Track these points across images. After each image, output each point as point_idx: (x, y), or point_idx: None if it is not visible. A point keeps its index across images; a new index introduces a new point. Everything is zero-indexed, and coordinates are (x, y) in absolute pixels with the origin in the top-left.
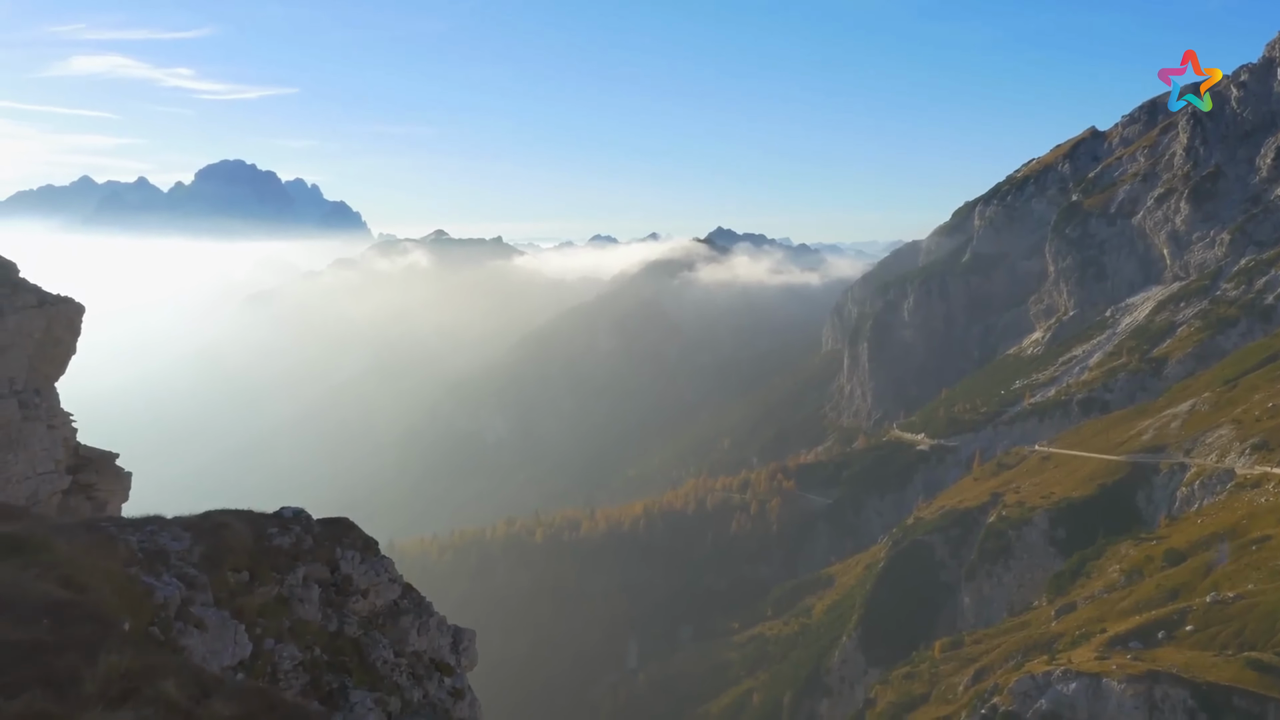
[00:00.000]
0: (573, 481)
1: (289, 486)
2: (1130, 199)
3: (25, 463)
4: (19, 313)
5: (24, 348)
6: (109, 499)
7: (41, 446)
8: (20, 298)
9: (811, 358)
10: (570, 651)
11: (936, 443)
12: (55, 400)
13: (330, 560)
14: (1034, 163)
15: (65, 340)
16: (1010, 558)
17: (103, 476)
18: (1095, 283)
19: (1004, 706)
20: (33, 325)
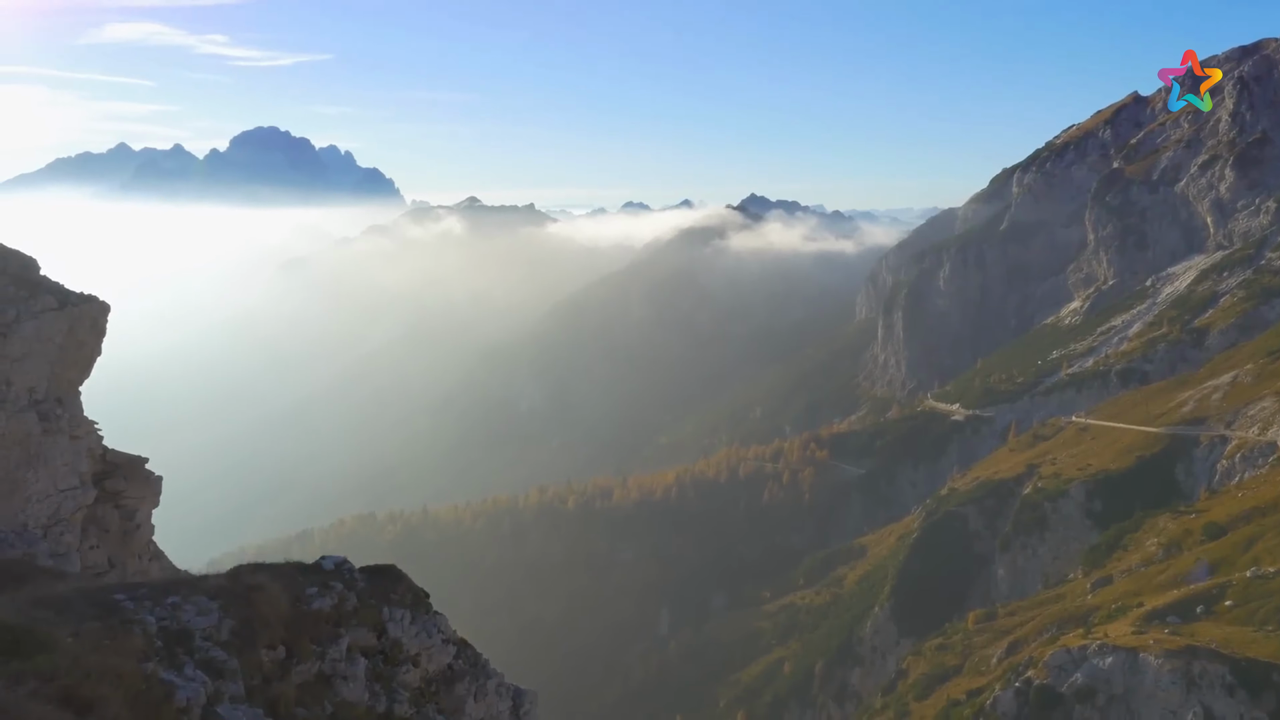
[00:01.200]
0: (605, 449)
1: (323, 453)
2: (1173, 166)
3: (46, 479)
4: (37, 318)
5: (44, 354)
6: (138, 506)
7: (63, 461)
8: (39, 300)
9: (845, 326)
10: (602, 619)
11: (971, 413)
12: (78, 408)
13: (377, 623)
14: (1074, 129)
15: (89, 343)
16: (1046, 530)
17: (131, 483)
18: (1136, 251)
19: (1039, 680)
20: (53, 330)
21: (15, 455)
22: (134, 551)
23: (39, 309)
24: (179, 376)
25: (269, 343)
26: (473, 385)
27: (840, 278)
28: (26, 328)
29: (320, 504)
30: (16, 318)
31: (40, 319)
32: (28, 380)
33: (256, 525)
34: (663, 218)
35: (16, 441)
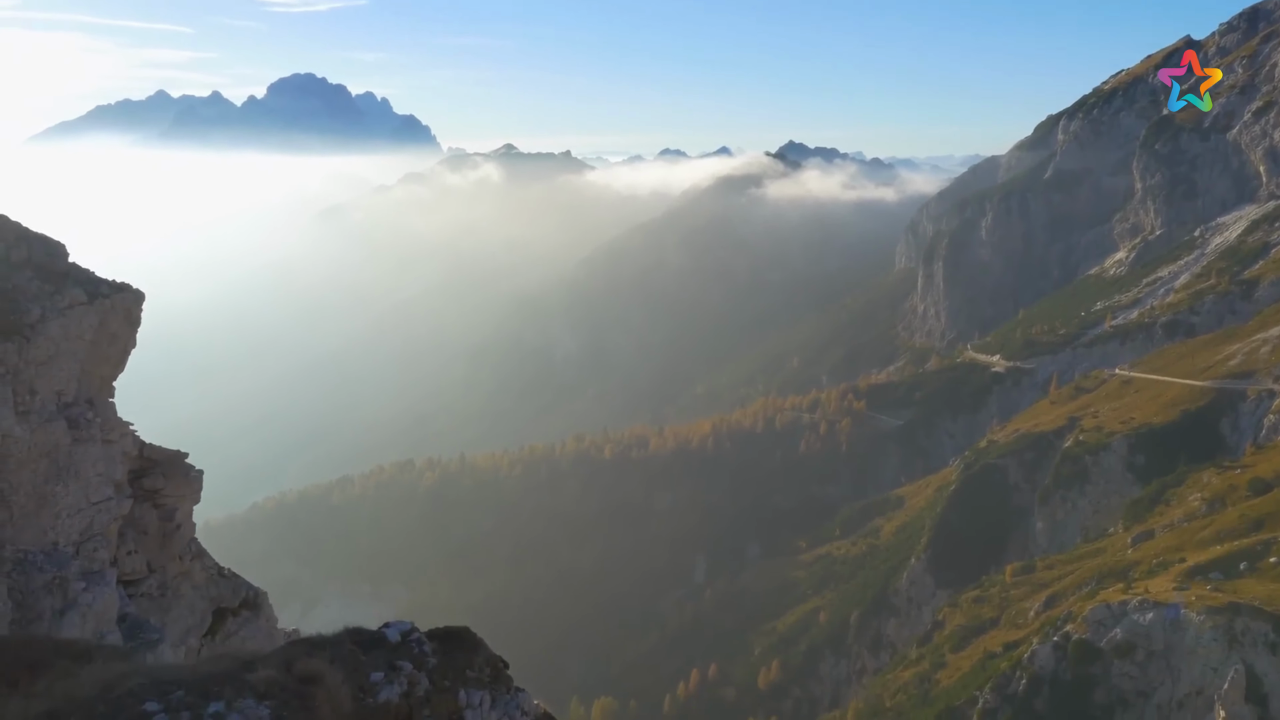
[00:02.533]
0: (640, 398)
1: (359, 400)
2: (1226, 112)
3: (77, 492)
4: (65, 314)
5: (73, 354)
6: (178, 504)
7: (96, 471)
8: (67, 295)
9: (884, 276)
10: (638, 567)
11: (1012, 365)
12: (111, 409)
13: (454, 711)
14: (1123, 74)
15: (122, 336)
16: (1086, 483)
17: (170, 480)
18: (1184, 201)
19: (1077, 634)
20: (83, 326)
21: (43, 469)
22: (174, 553)
23: (66, 304)
24: (217, 324)
25: (306, 290)
26: (508, 333)
27: (879, 226)
28: (53, 327)
29: (358, 450)
30: (41, 316)
31: (68, 316)
32: (55, 384)
33: (296, 471)
34: (700, 165)
35: (44, 454)
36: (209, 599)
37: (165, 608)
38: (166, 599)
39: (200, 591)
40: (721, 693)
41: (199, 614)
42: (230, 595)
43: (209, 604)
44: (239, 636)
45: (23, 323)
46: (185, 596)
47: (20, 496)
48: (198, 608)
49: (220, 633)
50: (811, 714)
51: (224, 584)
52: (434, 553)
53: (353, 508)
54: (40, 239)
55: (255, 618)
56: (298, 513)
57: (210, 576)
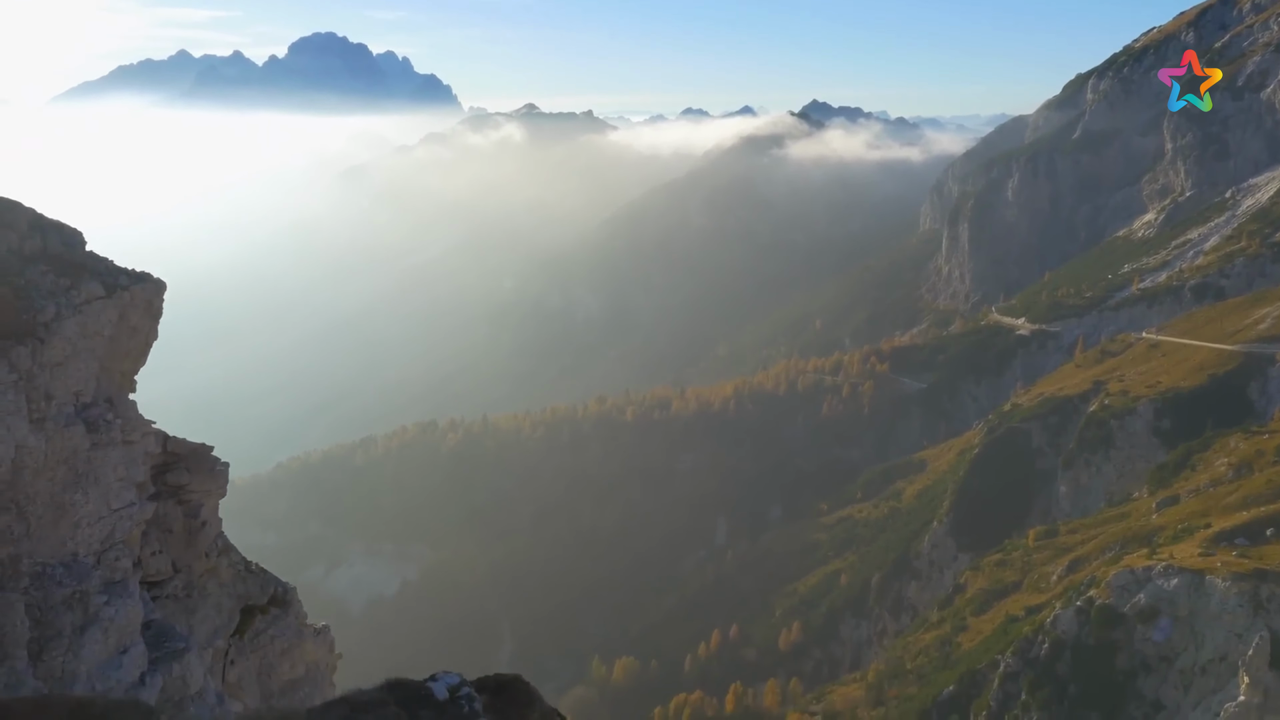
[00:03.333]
0: (662, 359)
1: (381, 361)
2: (1260, 71)
3: (97, 499)
4: (81, 311)
5: (91, 351)
6: (204, 500)
7: (117, 475)
8: (84, 289)
9: (908, 237)
10: (659, 528)
11: (1037, 328)
12: (132, 407)
13: None
14: (1155, 31)
15: (143, 328)
16: (1111, 447)
17: (195, 475)
18: (1216, 162)
19: (1101, 600)
20: (101, 322)
21: (61, 476)
22: (200, 551)
23: (83, 299)
24: (240, 285)
25: (328, 251)
26: (530, 295)
27: (904, 187)
28: (69, 326)
29: (381, 411)
30: (57, 315)
31: (85, 312)
32: (71, 385)
33: (319, 431)
34: (723, 125)
35: (61, 461)
36: (236, 596)
37: (191, 609)
38: (193, 599)
39: (227, 589)
40: (742, 653)
41: (226, 613)
42: (258, 592)
43: (236, 602)
44: (268, 635)
45: (37, 322)
46: (212, 595)
47: (37, 506)
48: (225, 606)
49: (249, 631)
50: (832, 675)
51: (252, 580)
52: (456, 513)
53: (376, 468)
54: (55, 227)
55: (284, 615)
56: (321, 473)
57: (237, 573)
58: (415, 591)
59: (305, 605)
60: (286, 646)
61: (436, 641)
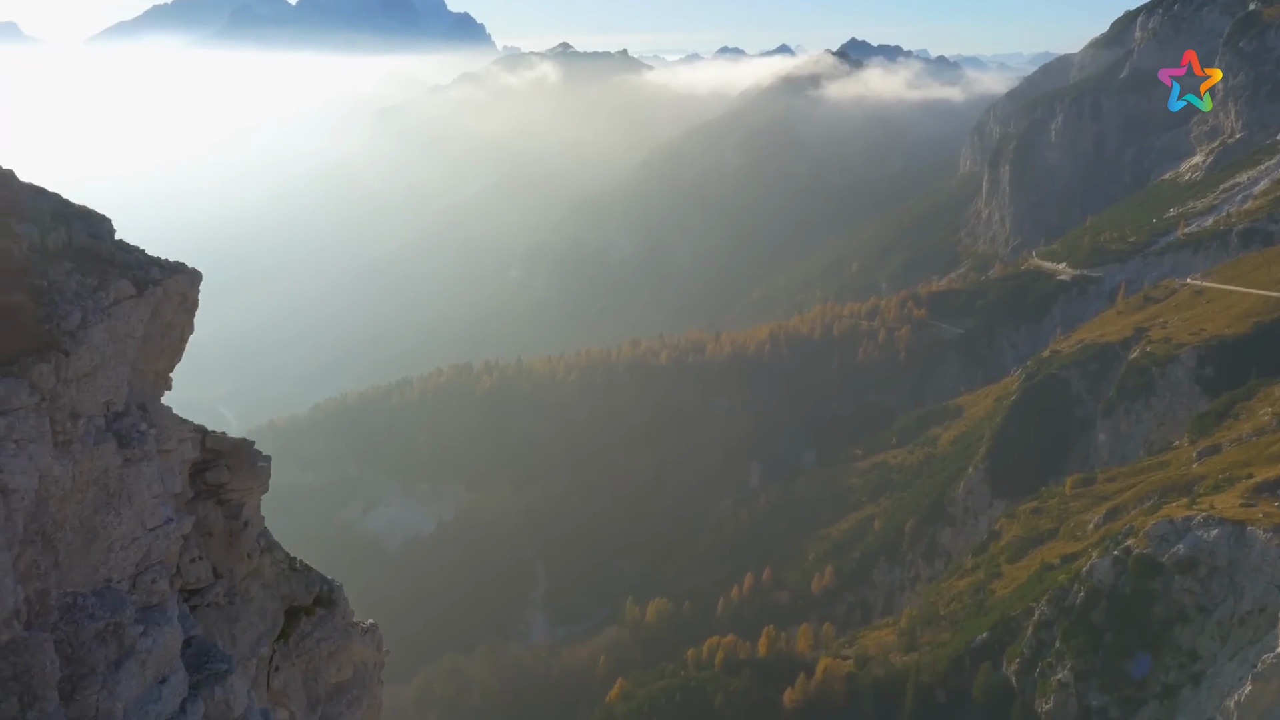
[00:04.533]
0: (697, 302)
1: (416, 303)
2: None
3: (131, 519)
4: (110, 314)
5: (121, 356)
6: (245, 498)
7: (152, 493)
8: (113, 288)
9: (947, 179)
10: (693, 472)
11: (1078, 273)
12: (167, 412)
13: None
14: None
15: (178, 323)
16: (1152, 395)
17: (236, 473)
18: (1268, 103)
19: (1138, 549)
20: (132, 323)
21: (91, 498)
22: (242, 553)
23: (111, 301)
24: (275, 227)
25: (363, 192)
26: (565, 236)
27: (944, 128)
28: (96, 333)
29: (416, 353)
30: (82, 321)
31: (114, 315)
32: (101, 396)
33: (355, 374)
34: (760, 64)
35: (91, 481)
36: (280, 597)
37: (234, 616)
38: (235, 606)
39: (271, 590)
40: (775, 597)
41: (270, 617)
42: (303, 592)
43: (280, 604)
44: (313, 638)
45: (60, 331)
46: (255, 600)
47: (66, 533)
48: (268, 610)
49: (293, 635)
50: (864, 620)
51: (296, 579)
52: (491, 455)
53: (412, 410)
54: (80, 215)
55: (330, 615)
56: (358, 415)
57: (281, 572)
58: (451, 532)
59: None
60: (334, 649)
61: (471, 582)
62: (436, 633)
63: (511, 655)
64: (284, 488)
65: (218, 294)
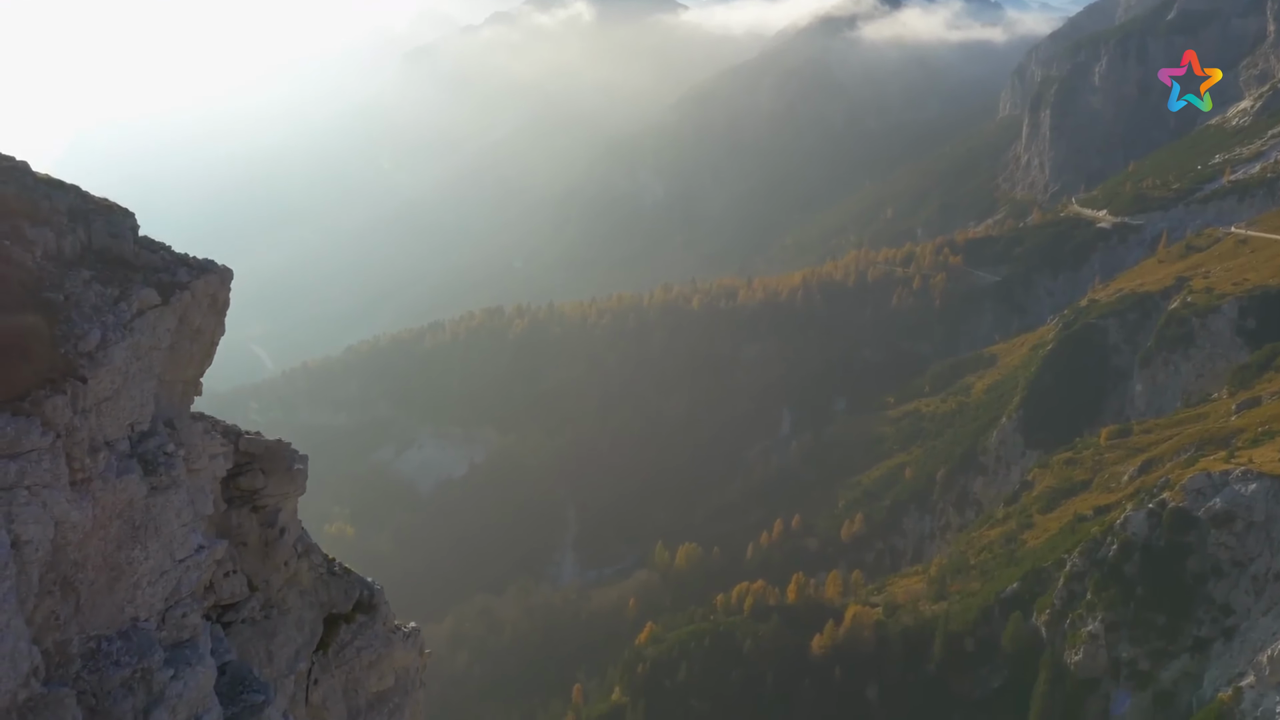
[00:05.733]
0: (729, 247)
1: (448, 246)
2: None
3: (159, 552)
4: (134, 329)
5: (147, 372)
6: (281, 503)
7: (181, 521)
8: (136, 297)
9: (986, 124)
10: (724, 417)
11: (1119, 220)
12: (197, 428)
13: None
14: None
15: (208, 327)
16: (1191, 346)
17: (272, 477)
18: None
19: (1174, 503)
20: (158, 334)
21: (115, 533)
22: (279, 563)
23: (133, 313)
24: (306, 168)
25: (394, 134)
26: (596, 179)
27: (984, 70)
28: (118, 353)
29: (447, 296)
30: (102, 341)
31: (137, 328)
32: (124, 419)
33: (386, 316)
34: (796, 4)
35: (115, 516)
36: (319, 605)
37: (270, 631)
38: (271, 620)
39: (309, 598)
40: (804, 543)
41: (308, 628)
42: (343, 598)
43: (319, 612)
44: (353, 647)
45: (78, 353)
46: (293, 611)
47: (88, 573)
48: (306, 620)
49: (333, 645)
50: (893, 567)
51: (335, 584)
52: (523, 399)
53: (444, 353)
54: (101, 212)
55: (371, 622)
56: (391, 357)
57: (320, 577)
58: (482, 475)
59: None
60: (375, 658)
61: (503, 524)
62: (468, 573)
63: (542, 596)
64: (318, 429)
65: (250, 234)
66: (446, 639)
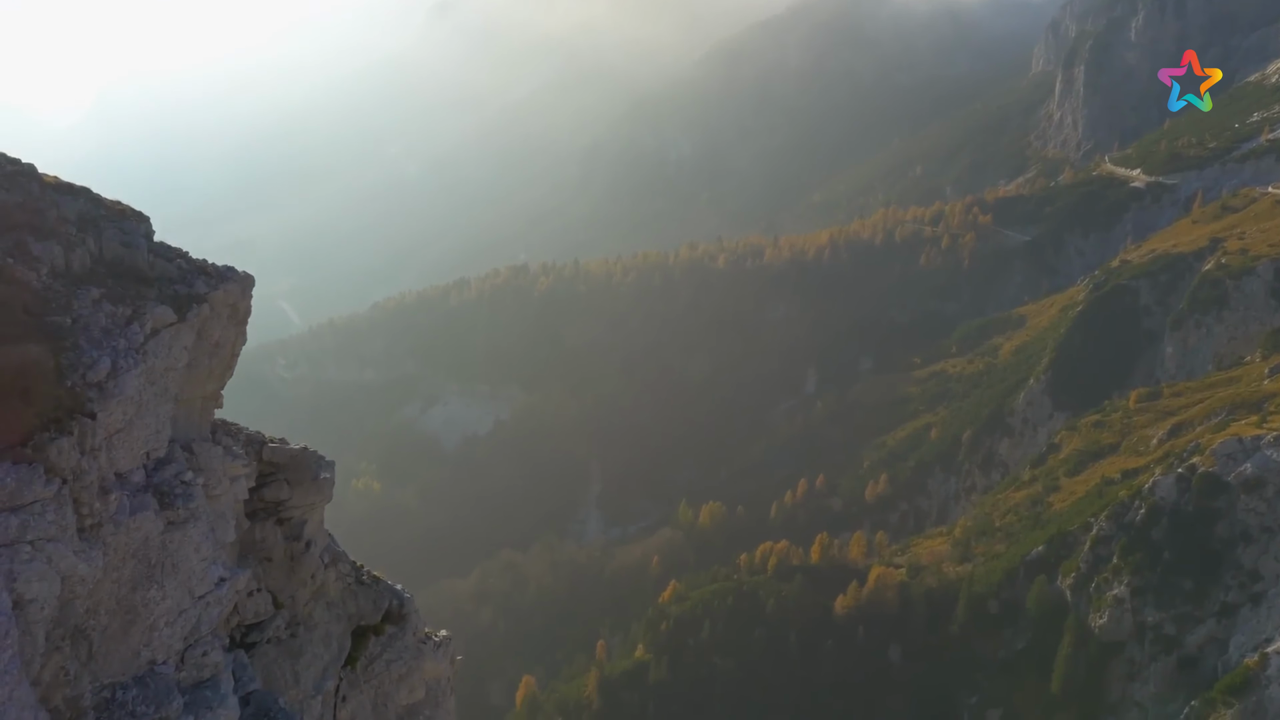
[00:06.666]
0: (755, 204)
1: (472, 201)
2: None
3: (177, 591)
4: (147, 352)
5: (163, 395)
6: (307, 515)
7: (200, 555)
8: (149, 316)
9: (1019, 80)
10: (749, 376)
11: (1153, 180)
12: (215, 453)
13: None
14: None
15: (228, 339)
16: (1224, 309)
17: (296, 488)
18: None
19: (1204, 467)
20: (174, 355)
21: (129, 574)
22: (305, 577)
23: (147, 334)
24: (330, 124)
25: (419, 89)
26: (622, 135)
27: (1016, 25)
28: (130, 381)
29: (472, 252)
30: (113, 370)
31: (151, 352)
32: (139, 449)
33: (412, 272)
34: None
35: (129, 556)
36: (346, 618)
37: (296, 651)
38: (297, 639)
39: (336, 610)
40: (828, 503)
41: (336, 643)
42: (371, 609)
43: (347, 625)
44: (383, 660)
45: (86, 385)
46: (319, 625)
47: (101, 619)
48: (334, 635)
49: (361, 659)
50: (918, 528)
51: (364, 594)
52: (548, 357)
53: (469, 310)
54: (113, 218)
55: (401, 633)
56: (416, 314)
57: (348, 587)
58: (508, 432)
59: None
60: (405, 671)
61: (528, 480)
62: (493, 529)
63: (566, 553)
64: (344, 384)
65: (276, 189)
66: (472, 594)
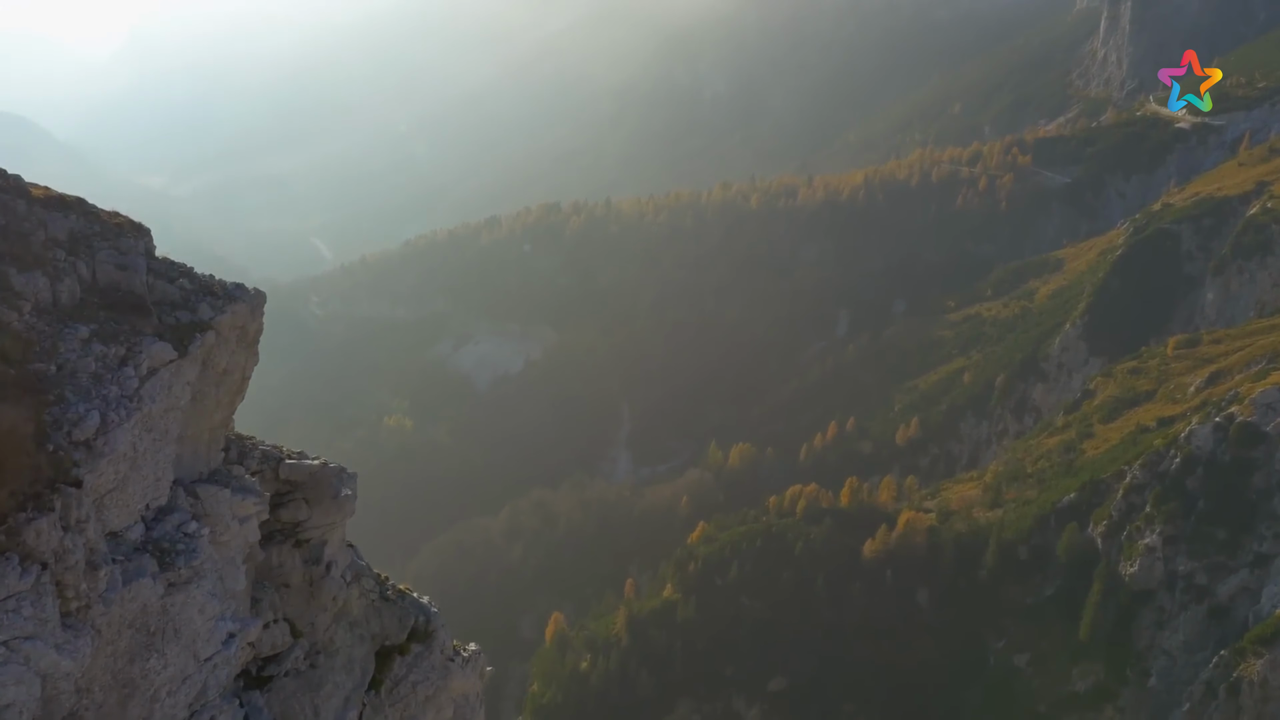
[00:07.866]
0: (790, 143)
1: (504, 138)
2: None
3: (181, 656)
4: (142, 398)
5: (162, 441)
6: (327, 535)
7: (206, 616)
8: (145, 355)
9: (1062, 15)
10: (781, 317)
11: (1199, 120)
12: (223, 495)
13: None
14: None
15: (237, 365)
16: (1269, 254)
17: (315, 507)
18: None
19: (1242, 416)
20: (174, 394)
21: (126, 645)
22: (325, 602)
23: (143, 375)
24: (359, 60)
25: (448, 24)
26: (655, 71)
27: None
28: (121, 436)
29: (504, 189)
30: (102, 425)
31: (146, 397)
32: (135, 504)
33: (443, 210)
34: None
35: (126, 626)
36: (370, 639)
37: (316, 683)
38: (317, 670)
39: (359, 631)
40: (858, 446)
41: (358, 668)
42: (396, 627)
43: (370, 646)
44: (408, 682)
45: (73, 444)
46: (340, 650)
47: (95, 696)
48: (356, 659)
49: (385, 682)
50: (949, 472)
51: (388, 612)
52: (580, 296)
53: (500, 248)
54: (108, 235)
55: (428, 652)
56: (448, 252)
57: (371, 604)
58: (539, 371)
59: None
60: (431, 691)
61: (558, 419)
62: (523, 467)
63: (596, 491)
64: (376, 321)
65: (308, 126)
66: (503, 530)
